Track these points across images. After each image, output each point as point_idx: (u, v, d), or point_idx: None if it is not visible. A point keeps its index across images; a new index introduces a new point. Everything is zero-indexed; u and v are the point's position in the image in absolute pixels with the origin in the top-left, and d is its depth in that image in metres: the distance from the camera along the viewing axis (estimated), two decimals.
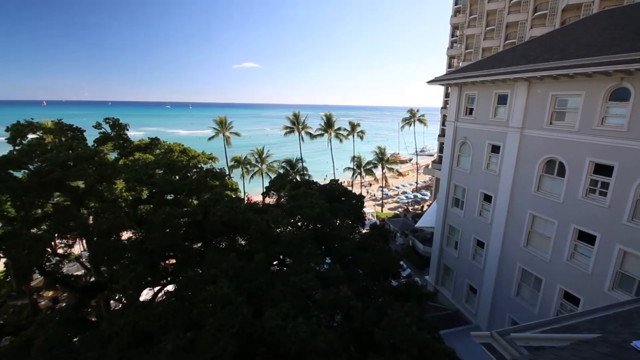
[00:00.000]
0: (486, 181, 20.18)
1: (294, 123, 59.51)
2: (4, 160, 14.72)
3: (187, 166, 22.05)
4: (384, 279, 18.38)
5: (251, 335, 11.70)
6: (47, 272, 16.72)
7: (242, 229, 17.12)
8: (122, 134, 20.54)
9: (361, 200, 21.66)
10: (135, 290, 14.05)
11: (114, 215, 16.43)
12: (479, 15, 43.97)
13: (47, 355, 11.26)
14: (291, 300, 12.52)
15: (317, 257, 15.98)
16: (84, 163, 15.50)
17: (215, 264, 14.16)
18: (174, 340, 10.27)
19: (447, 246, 24.87)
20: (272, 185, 22.66)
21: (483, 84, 19.81)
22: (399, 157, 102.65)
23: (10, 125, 17.16)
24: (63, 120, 19.63)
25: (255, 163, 55.32)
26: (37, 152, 15.63)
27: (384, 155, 58.65)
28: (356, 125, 62.81)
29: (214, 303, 11.67)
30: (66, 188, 16.47)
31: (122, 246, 15.61)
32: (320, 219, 17.16)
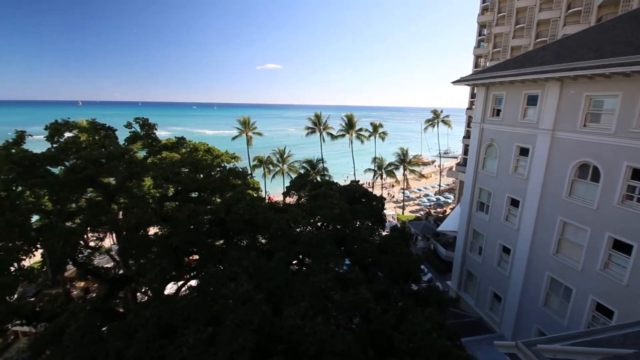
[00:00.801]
0: (514, 185, 19.43)
1: (315, 124, 59.75)
2: (42, 157, 15.69)
3: (211, 165, 22.63)
4: (404, 282, 18.10)
5: (270, 333, 11.85)
6: (79, 264, 17.66)
7: (262, 228, 17.37)
8: (151, 133, 21.41)
9: (382, 202, 21.43)
10: (160, 284, 14.58)
11: (142, 211, 17.11)
12: (507, 13, 42.42)
13: (78, 342, 11.89)
14: (310, 300, 12.57)
15: (336, 258, 15.96)
16: (115, 161, 16.26)
17: (236, 261, 14.44)
18: (196, 334, 10.57)
19: (470, 251, 24.15)
20: (292, 185, 22.84)
21: (512, 84, 19.09)
22: (422, 159, 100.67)
23: (49, 124, 18.30)
24: (97, 120, 20.70)
25: (276, 163, 56.00)
26: (72, 150, 16.54)
27: (405, 156, 57.75)
28: (378, 126, 62.23)
29: (234, 299, 11.92)
30: (98, 184, 17.33)
31: (149, 241, 16.23)
32: (340, 219, 17.12)
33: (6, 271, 12.50)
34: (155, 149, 21.55)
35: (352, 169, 62.97)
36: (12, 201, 14.31)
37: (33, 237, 13.55)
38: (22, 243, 13.19)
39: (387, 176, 58.90)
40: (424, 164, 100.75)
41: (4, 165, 14.13)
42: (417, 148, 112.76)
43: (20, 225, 12.79)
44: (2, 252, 12.29)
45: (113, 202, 18.33)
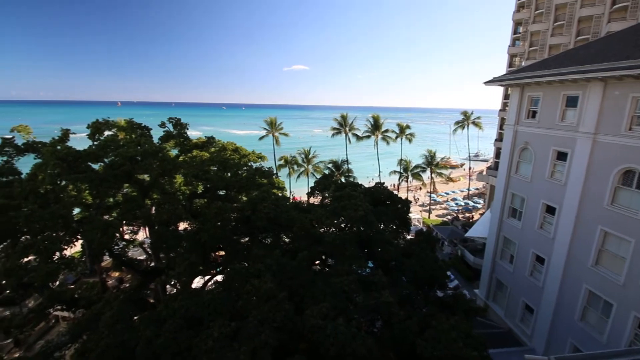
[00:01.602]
0: (549, 191, 18.40)
1: (341, 124, 59.68)
2: (84, 154, 16.78)
3: (238, 164, 23.22)
4: (428, 288, 17.65)
5: (292, 331, 11.97)
6: (115, 255, 18.71)
7: (286, 227, 17.59)
8: (183, 133, 22.34)
9: (407, 205, 21.02)
10: (188, 277, 15.14)
11: (173, 207, 17.88)
12: (546, 9, 40.22)
13: (112, 329, 12.59)
14: (331, 301, 12.57)
15: (359, 260, 15.85)
16: (149, 158, 17.09)
17: (260, 259, 14.72)
18: (220, 328, 10.89)
19: (500, 259, 23.13)
20: (317, 185, 22.94)
21: (549, 84, 18.10)
22: (450, 162, 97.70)
23: (90, 123, 19.56)
24: (134, 119, 21.88)
25: (301, 163, 56.48)
26: (111, 147, 17.57)
27: (433, 159, 56.32)
28: (405, 128, 61.15)
29: (257, 296, 12.16)
30: (134, 180, 18.28)
31: (179, 236, 16.91)
32: (363, 221, 16.98)
33: (50, 259, 13.46)
34: (186, 148, 22.44)
35: (377, 170, 62.26)
36: (56, 194, 15.43)
37: (74, 229, 14.54)
38: (65, 233, 14.17)
39: (413, 179, 57.73)
40: (452, 167, 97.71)
41: (50, 161, 15.25)
42: (446, 150, 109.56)
43: (64, 217, 13.75)
44: (46, 241, 13.25)
45: (147, 198, 19.25)
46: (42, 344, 16.05)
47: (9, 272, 12.74)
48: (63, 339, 15.27)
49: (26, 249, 12.99)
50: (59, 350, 14.67)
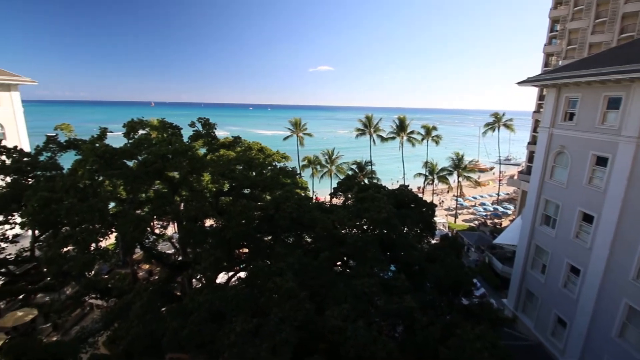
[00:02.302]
0: (587, 198, 17.33)
1: (365, 125, 59.26)
2: (120, 152, 17.70)
3: (263, 164, 23.62)
4: (453, 295, 17.15)
5: (312, 331, 12.03)
6: (146, 248, 19.58)
7: (309, 227, 17.68)
8: (211, 132, 23.05)
9: (432, 209, 20.52)
10: (213, 272, 15.59)
11: (200, 204, 18.45)
12: (586, 6, 37.88)
13: (141, 318, 13.20)
14: (352, 303, 12.50)
15: (381, 263, 15.67)
16: (179, 157, 17.75)
17: (282, 257, 14.89)
18: (243, 323, 11.12)
19: (531, 269, 22.04)
20: (340, 186, 22.90)
21: (589, 84, 17.06)
22: (479, 165, 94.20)
23: (126, 122, 20.61)
24: (165, 119, 22.84)
25: (325, 164, 56.61)
26: (145, 146, 18.41)
27: (460, 162, 54.61)
28: (431, 129, 59.76)
29: (279, 294, 12.31)
30: (165, 177, 19.06)
31: (205, 232, 17.44)
32: (386, 224, 16.76)
33: (87, 250, 14.31)
34: (214, 147, 23.13)
35: (401, 173, 61.23)
36: (94, 189, 16.36)
37: (109, 222, 15.35)
38: (101, 226, 15.01)
39: (439, 182, 56.27)
40: (481, 170, 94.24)
41: (89, 157, 16.22)
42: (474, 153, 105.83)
43: (100, 211, 14.56)
44: (84, 233, 14.09)
45: (176, 195, 20.01)
46: (78, 330, 17.11)
47: (50, 261, 13.67)
48: (96, 325, 16.20)
49: (66, 239, 13.88)
50: (92, 336, 15.57)
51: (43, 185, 15.55)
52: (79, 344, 14.26)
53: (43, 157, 18.76)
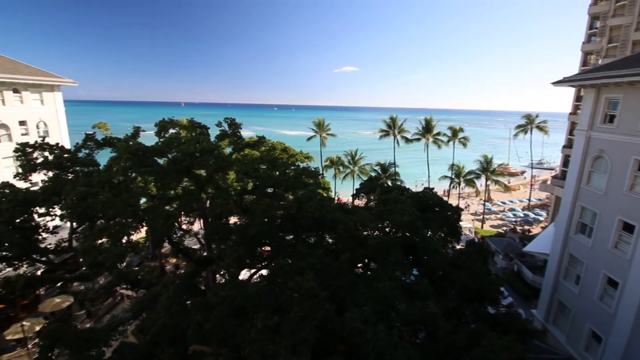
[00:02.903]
0: (628, 206, 16.19)
1: (390, 126, 58.45)
2: (151, 150, 18.48)
3: (286, 163, 23.88)
4: (478, 303, 16.55)
5: (332, 331, 12.01)
6: (173, 242, 20.34)
7: (330, 227, 17.66)
8: (237, 132, 23.60)
9: (458, 213, 19.90)
10: (236, 269, 15.93)
11: (225, 201, 18.94)
12: (629, 1, 35.32)
13: (168, 310, 13.70)
14: (373, 306, 12.36)
15: (403, 267, 15.39)
16: (207, 155, 18.29)
17: (303, 257, 14.97)
18: (263, 320, 11.29)
19: (564, 279, 20.88)
20: (362, 187, 22.73)
21: (632, 85, 15.93)
22: (508, 169, 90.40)
23: (158, 121, 21.49)
24: (194, 119, 23.61)
25: (347, 165, 56.38)
26: (174, 144, 19.11)
27: (489, 165, 52.64)
28: (458, 131, 57.95)
29: (299, 293, 12.38)
30: (192, 175, 19.70)
31: (229, 229, 17.87)
32: (410, 227, 16.44)
33: (119, 242, 15.04)
34: (239, 146, 23.66)
35: (426, 175, 59.89)
36: (127, 185, 17.19)
37: (140, 216, 16.07)
38: (132, 220, 15.73)
39: (465, 185, 54.53)
40: (511, 174, 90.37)
41: (123, 155, 17.04)
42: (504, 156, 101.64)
43: (132, 206, 15.27)
44: (117, 226, 14.83)
45: (203, 192, 20.63)
46: (109, 318, 18.04)
47: (85, 252, 14.49)
48: (126, 315, 17.00)
49: (100, 232, 14.67)
50: (122, 324, 16.35)
51: (81, 180, 16.52)
52: (110, 332, 15.02)
53: (82, 153, 19.93)
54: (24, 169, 18.31)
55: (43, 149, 19.10)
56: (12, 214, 16.13)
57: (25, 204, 16.64)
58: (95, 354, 13.01)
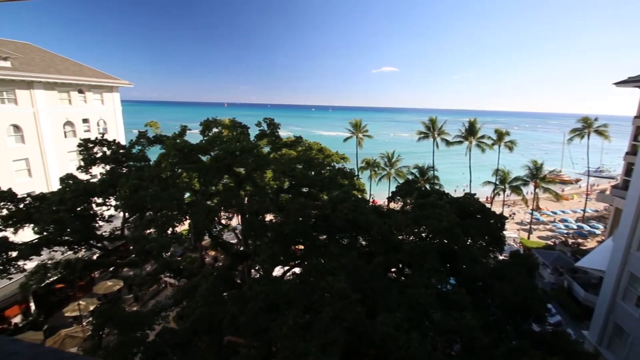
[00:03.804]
0: None
1: (429, 128, 56.51)
2: (196, 147, 19.52)
3: (322, 164, 24.05)
4: (521, 319, 15.49)
5: (362, 334, 11.91)
6: (213, 236, 21.34)
7: (364, 230, 17.51)
8: (275, 132, 24.22)
9: (501, 221, 18.78)
10: (270, 265, 16.35)
11: (262, 199, 19.52)
12: None
13: (206, 300, 14.41)
14: (406, 312, 12.07)
15: (439, 274, 14.83)
16: (246, 154, 18.96)
17: (336, 257, 14.99)
18: (295, 318, 11.48)
19: (623, 299, 18.87)
20: (398, 190, 22.24)
21: None
22: (561, 176, 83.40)
23: (202, 121, 22.67)
24: (236, 119, 24.59)
25: (384, 167, 55.45)
26: (217, 143, 20.04)
27: (538, 171, 48.97)
28: (504, 134, 54.52)
29: (331, 294, 12.42)
30: (232, 172, 20.53)
31: (265, 226, 18.39)
32: (448, 233, 15.81)
33: (165, 233, 16.09)
34: (277, 146, 24.25)
35: (467, 180, 57.14)
36: (174, 180, 18.32)
37: (184, 210, 17.06)
38: (177, 213, 16.75)
39: (511, 192, 51.20)
40: (564, 182, 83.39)
41: (171, 152, 18.19)
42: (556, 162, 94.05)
43: (178, 199, 16.26)
44: (164, 218, 15.88)
45: (241, 189, 21.42)
46: (154, 303, 19.34)
47: (135, 240, 15.67)
48: (169, 301, 18.12)
49: (149, 222, 15.79)
50: (165, 310, 17.45)
51: (134, 174, 17.89)
52: (154, 316, 16.11)
53: (135, 149, 21.59)
54: (86, 162, 20.22)
55: (102, 144, 20.94)
56: (74, 202, 17.87)
57: (85, 194, 18.38)
58: (140, 336, 14.02)
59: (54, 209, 16.70)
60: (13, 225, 16.73)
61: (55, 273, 17.80)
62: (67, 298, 27.91)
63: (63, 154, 30.88)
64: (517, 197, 52.05)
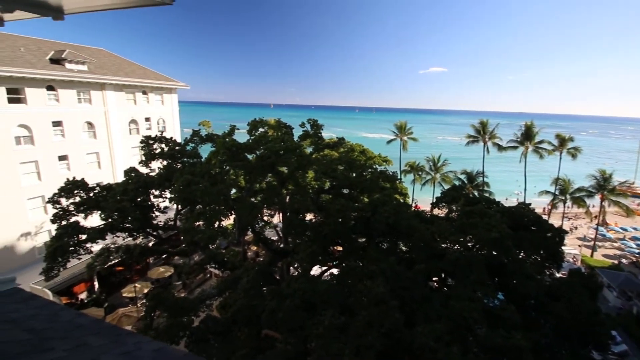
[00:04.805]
0: None
1: (479, 132, 53.26)
2: (243, 146, 20.43)
3: (363, 165, 23.84)
4: (579, 344, 14.02)
5: (399, 342, 11.59)
6: (256, 232, 22.17)
7: (405, 235, 17.04)
8: (318, 133, 24.49)
9: (560, 235, 17.16)
10: (308, 264, 16.61)
11: (303, 198, 19.86)
12: None
13: (247, 292, 15.02)
14: (447, 325, 11.53)
15: (486, 288, 13.95)
16: (289, 153, 19.43)
17: (375, 261, 14.77)
18: (331, 318, 11.51)
19: None
20: (444, 196, 21.32)
21: None
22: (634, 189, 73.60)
23: (250, 121, 23.66)
24: (281, 119, 25.30)
25: (428, 171, 53.41)
26: (262, 142, 20.78)
27: (607, 182, 43.89)
28: (567, 140, 49.62)
29: (368, 298, 12.26)
30: (275, 171, 21.15)
31: (305, 225, 18.69)
32: (497, 244, 14.81)
33: (212, 226, 17.06)
34: (319, 147, 24.51)
35: (520, 188, 53.01)
36: (222, 176, 19.35)
37: (230, 205, 17.94)
38: (224, 208, 17.68)
39: (573, 204, 46.51)
40: (637, 195, 73.73)
41: (221, 150, 19.24)
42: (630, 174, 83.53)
43: (225, 195, 17.15)
44: (212, 212, 16.85)
45: (284, 188, 22.00)
46: (199, 291, 20.58)
47: (186, 231, 16.81)
48: (213, 291, 19.16)
49: (198, 215, 16.84)
50: (209, 299, 18.48)
51: (187, 169, 19.20)
52: (199, 304, 17.14)
53: (189, 147, 23.15)
54: (146, 157, 22.11)
55: (161, 141, 22.74)
56: (135, 193, 19.61)
57: (145, 186, 20.08)
58: (186, 321, 15.00)
59: (118, 199, 18.47)
60: (84, 211, 18.81)
61: (117, 256, 19.71)
62: (125, 280, 30.69)
63: (127, 149, 34.08)
64: (580, 209, 47.13)
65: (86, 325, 3.63)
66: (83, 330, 3.46)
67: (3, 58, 24.57)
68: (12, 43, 27.51)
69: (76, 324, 3.62)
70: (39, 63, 26.85)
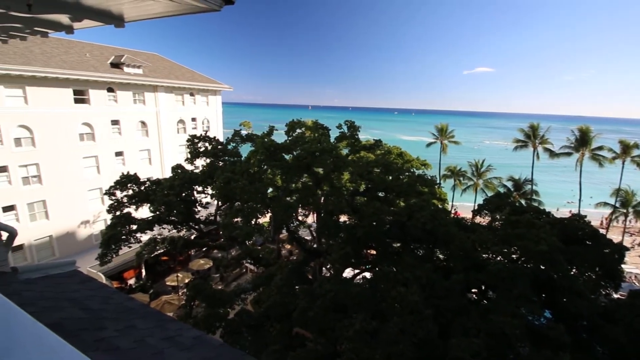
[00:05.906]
0: None
1: (528, 136, 49.54)
2: (281, 146, 20.93)
3: (400, 169, 23.30)
4: None
5: (432, 354, 11.19)
6: (290, 231, 22.59)
7: (443, 242, 16.40)
8: (355, 135, 24.37)
9: (620, 252, 15.51)
10: (341, 265, 16.59)
11: (337, 199, 19.89)
12: None
13: (280, 289, 15.34)
14: (486, 340, 10.91)
15: (531, 304, 13.00)
16: (325, 155, 19.56)
17: (409, 268, 14.37)
18: (362, 322, 11.40)
19: None
20: (487, 203, 20.19)
21: None
22: None
23: (288, 122, 24.16)
24: (318, 121, 25.53)
25: (470, 176, 50.85)
26: (299, 143, 21.14)
27: None
28: (631, 147, 44.63)
29: (401, 305, 11.98)
30: (311, 172, 21.40)
31: (339, 226, 18.69)
32: (546, 258, 13.73)
33: (249, 223, 17.69)
34: (355, 148, 24.39)
35: (574, 199, 48.66)
36: (260, 175, 19.98)
37: (267, 203, 18.48)
38: (261, 206, 18.26)
39: (635, 218, 41.86)
40: None
41: (259, 149, 19.87)
42: None
43: (262, 194, 17.71)
44: (249, 209, 17.47)
45: (319, 188, 22.19)
46: (235, 285, 21.38)
47: (224, 227, 17.59)
48: (248, 286, 19.83)
49: (237, 212, 17.55)
50: (244, 293, 19.14)
51: (227, 167, 20.08)
52: (234, 297, 17.83)
53: (230, 146, 24.19)
54: (192, 155, 23.44)
55: (205, 140, 24.00)
56: (181, 189, 20.87)
57: (189, 182, 21.30)
58: (222, 312, 15.67)
59: (165, 193, 19.79)
60: (135, 203, 20.38)
61: (162, 247, 21.11)
62: (169, 269, 32.73)
63: (175, 147, 36.37)
64: None
65: (135, 309, 3.96)
66: (132, 313, 3.78)
67: (72, 63, 27.41)
68: (79, 49, 30.56)
69: (126, 307, 3.96)
70: (101, 67, 29.59)
